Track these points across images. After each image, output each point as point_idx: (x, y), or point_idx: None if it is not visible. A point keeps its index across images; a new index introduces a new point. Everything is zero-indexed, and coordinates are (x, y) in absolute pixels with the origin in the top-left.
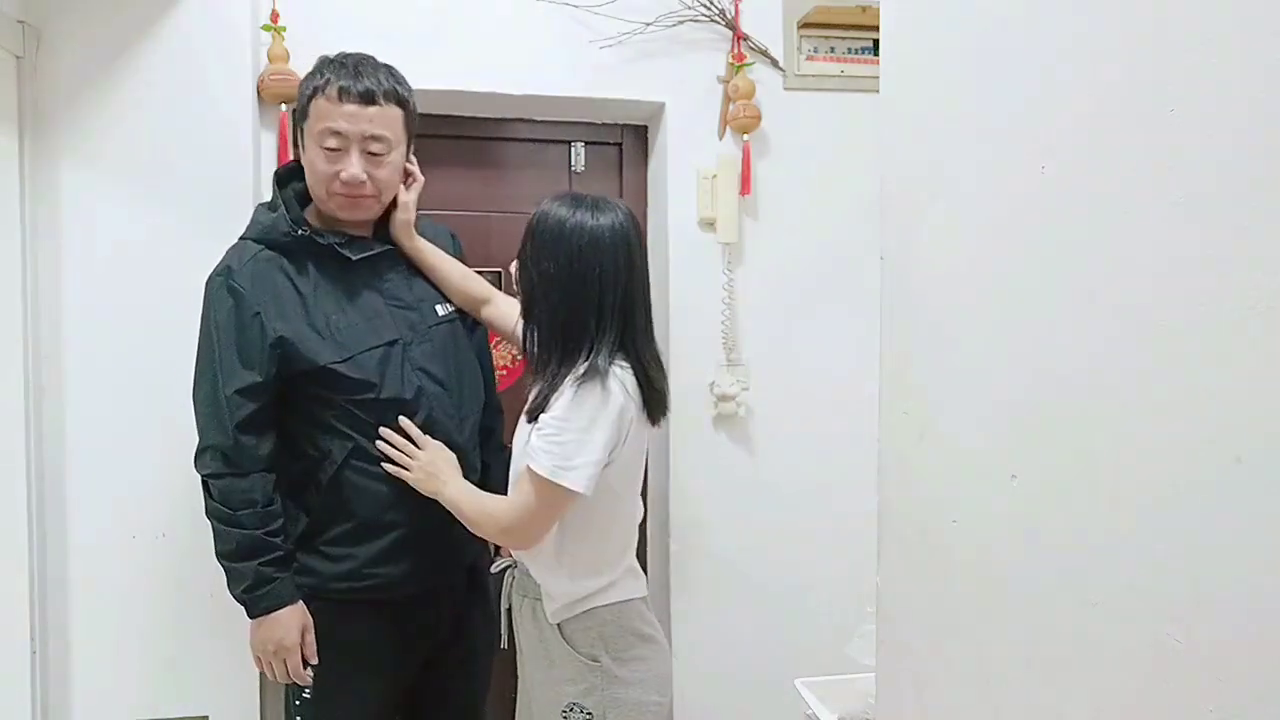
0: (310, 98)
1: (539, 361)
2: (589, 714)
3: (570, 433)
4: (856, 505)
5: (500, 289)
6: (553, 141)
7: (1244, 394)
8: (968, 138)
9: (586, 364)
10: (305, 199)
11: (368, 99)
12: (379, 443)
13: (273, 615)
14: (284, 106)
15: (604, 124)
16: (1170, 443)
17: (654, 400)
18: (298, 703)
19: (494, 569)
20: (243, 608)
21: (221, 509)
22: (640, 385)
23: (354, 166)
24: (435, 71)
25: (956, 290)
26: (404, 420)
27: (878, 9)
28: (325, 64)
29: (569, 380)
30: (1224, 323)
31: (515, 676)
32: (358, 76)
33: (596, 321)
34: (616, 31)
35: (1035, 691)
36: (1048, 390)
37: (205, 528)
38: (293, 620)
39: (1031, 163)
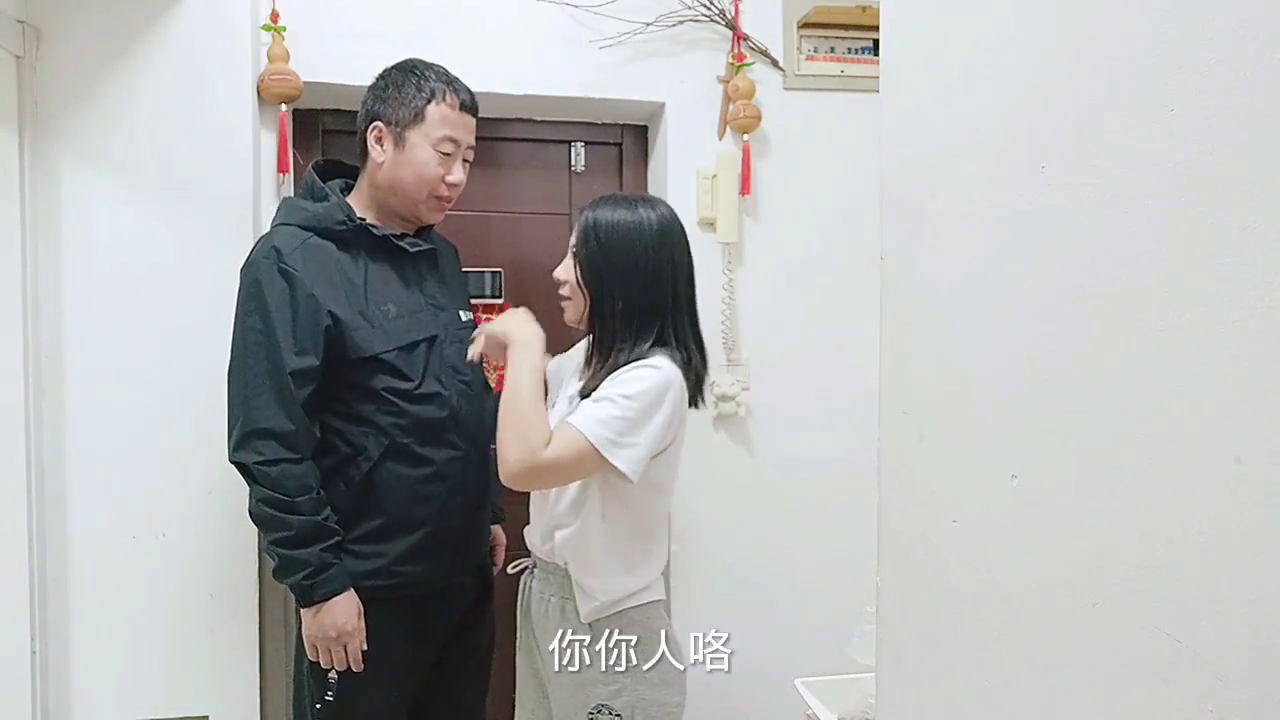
0: (427, 102)
1: (606, 348)
2: (617, 715)
3: (632, 411)
4: (856, 505)
5: (501, 289)
6: (553, 141)
7: (1244, 394)
8: (967, 137)
9: (657, 348)
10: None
11: (475, 111)
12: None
13: (333, 601)
14: (284, 106)
15: (604, 124)
16: (1170, 443)
17: (699, 386)
18: (319, 705)
19: (511, 569)
20: (297, 596)
21: (276, 496)
22: (692, 372)
23: (461, 173)
24: None
25: (956, 290)
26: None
27: (878, 9)
28: (425, 70)
29: (637, 362)
30: (1224, 323)
31: (514, 677)
32: (461, 88)
33: (672, 307)
34: (616, 31)
35: (1035, 691)
36: (1047, 390)
37: (205, 528)
38: (351, 605)
39: (1031, 162)
